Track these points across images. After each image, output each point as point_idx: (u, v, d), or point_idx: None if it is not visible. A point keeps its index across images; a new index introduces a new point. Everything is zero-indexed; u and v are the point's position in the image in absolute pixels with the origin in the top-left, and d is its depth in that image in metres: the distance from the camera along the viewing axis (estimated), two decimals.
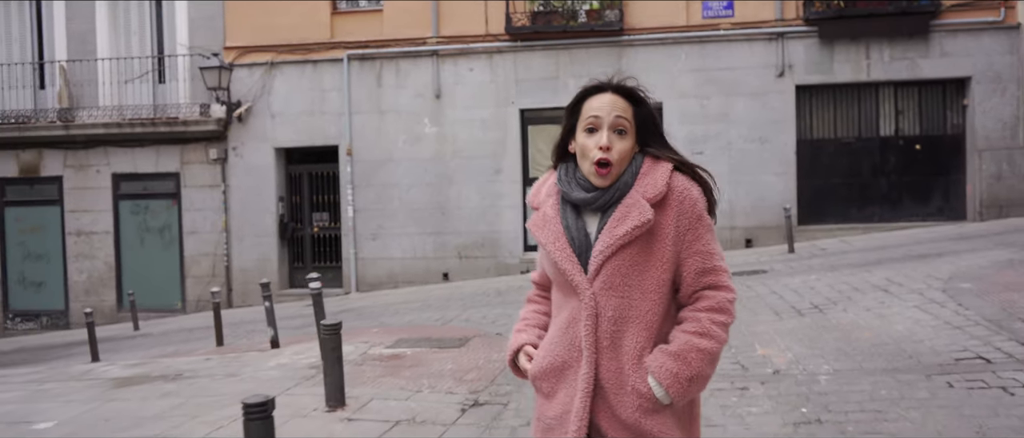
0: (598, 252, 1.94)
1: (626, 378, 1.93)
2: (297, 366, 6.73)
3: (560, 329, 2.02)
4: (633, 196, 1.95)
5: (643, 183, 1.97)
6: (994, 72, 12.43)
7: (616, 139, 1.97)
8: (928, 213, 12.85)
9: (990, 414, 4.24)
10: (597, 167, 1.96)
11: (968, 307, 6.62)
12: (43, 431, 5.25)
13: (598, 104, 2.00)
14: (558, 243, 1.99)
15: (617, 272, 1.93)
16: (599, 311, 1.93)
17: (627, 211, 1.94)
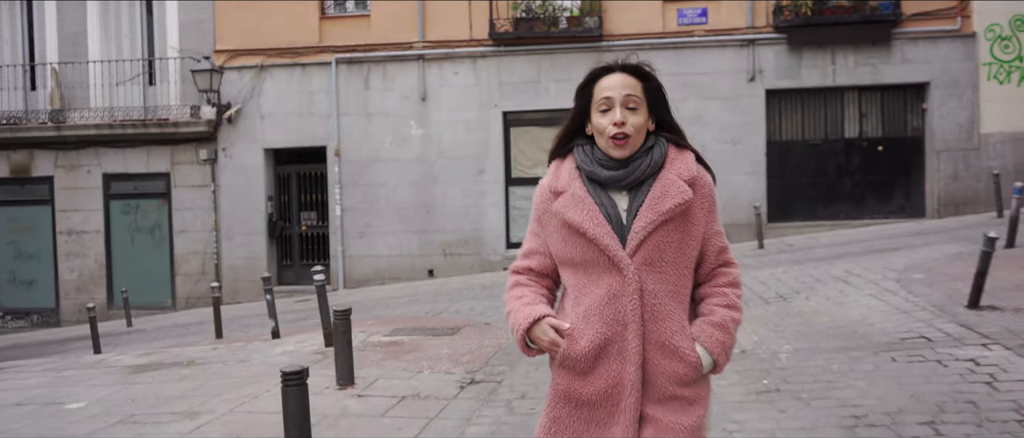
0: (641, 228, 2.01)
1: (672, 349, 2.03)
2: (303, 352, 7.26)
3: (597, 306, 2.04)
4: (668, 176, 2.06)
5: (675, 166, 2.09)
6: (951, 77, 13.23)
7: (629, 115, 2.06)
8: (890, 211, 13.62)
9: (924, 382, 4.89)
10: (614, 140, 2.05)
11: (917, 294, 7.32)
12: (76, 410, 5.74)
13: (608, 84, 2.09)
14: (596, 220, 2.04)
15: (656, 248, 2.01)
16: (643, 285, 2.01)
17: (666, 189, 2.03)
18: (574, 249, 2.08)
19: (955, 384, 4.80)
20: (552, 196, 2.14)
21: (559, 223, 2.10)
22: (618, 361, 2.02)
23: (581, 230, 2.04)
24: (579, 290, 2.09)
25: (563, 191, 2.11)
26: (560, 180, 2.13)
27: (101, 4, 15.21)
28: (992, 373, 4.93)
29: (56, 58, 15.16)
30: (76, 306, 15.23)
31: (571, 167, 2.14)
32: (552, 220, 2.13)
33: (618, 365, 2.02)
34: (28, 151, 15.25)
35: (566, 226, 2.08)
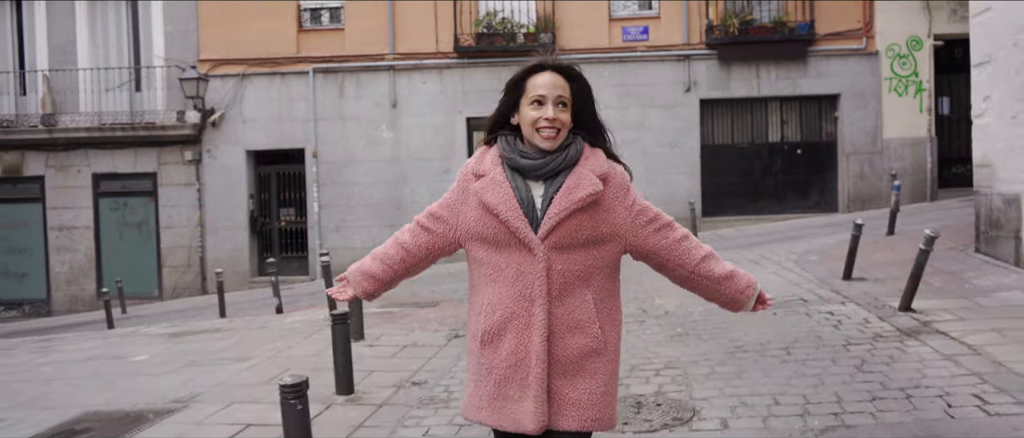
0: (554, 214, 2.21)
1: (576, 324, 2.24)
2: (311, 321, 8.91)
3: (506, 284, 2.25)
4: (581, 170, 2.26)
5: (589, 162, 2.28)
6: (858, 90, 15.39)
7: (560, 111, 2.25)
8: (807, 206, 15.72)
9: (790, 326, 6.80)
10: (543, 133, 2.25)
11: (807, 270, 9.30)
12: (142, 361, 7.32)
13: (541, 82, 2.26)
14: (509, 204, 2.23)
15: (567, 233, 2.21)
16: (550, 265, 2.20)
17: (578, 181, 2.23)
18: (487, 228, 2.28)
19: (811, 327, 6.72)
20: (473, 177, 2.34)
21: (476, 202, 2.31)
22: (525, 335, 2.22)
23: (495, 211, 2.24)
24: (492, 268, 2.29)
25: (484, 174, 2.32)
26: (483, 164, 2.35)
27: (89, 15, 16.51)
28: (840, 319, 6.87)
29: (46, 65, 16.41)
30: (67, 297, 16.53)
31: (495, 154, 2.35)
32: (470, 198, 2.34)
33: (525, 338, 2.22)
34: (20, 152, 16.47)
35: (482, 206, 2.28)
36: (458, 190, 2.39)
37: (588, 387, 2.23)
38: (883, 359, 5.56)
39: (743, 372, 5.56)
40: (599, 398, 2.25)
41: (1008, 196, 8.65)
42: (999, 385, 4.79)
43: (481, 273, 2.32)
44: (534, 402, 2.19)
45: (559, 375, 2.22)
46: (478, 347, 2.30)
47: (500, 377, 2.25)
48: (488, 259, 2.30)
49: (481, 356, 2.29)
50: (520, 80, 2.31)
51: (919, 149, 15.23)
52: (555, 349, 2.22)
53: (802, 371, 5.46)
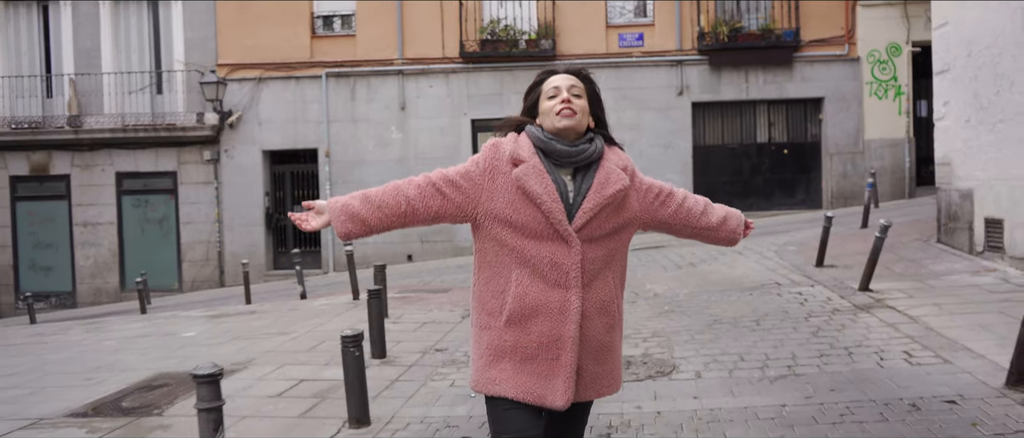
0: (588, 209, 2.33)
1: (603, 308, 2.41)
2: (336, 304, 9.95)
3: (539, 271, 2.33)
4: (609, 165, 2.40)
5: (612, 157, 2.44)
6: (841, 94, 16.45)
7: (574, 99, 2.40)
8: (794, 203, 16.78)
9: (762, 303, 7.85)
10: (560, 113, 2.38)
11: (785, 260, 10.34)
12: (192, 337, 8.36)
13: (556, 81, 2.44)
14: (551, 194, 2.30)
15: (598, 226, 2.34)
16: (584, 255, 2.32)
17: (608, 176, 2.37)
18: (521, 214, 2.32)
19: (780, 304, 7.77)
20: (509, 160, 2.37)
21: (512, 187, 2.34)
22: (558, 320, 2.32)
23: (538, 201, 2.29)
24: (520, 252, 2.34)
25: (523, 160, 2.36)
26: (521, 150, 2.38)
27: (113, 21, 17.53)
28: (806, 298, 7.92)
29: (72, 70, 17.42)
30: (91, 290, 17.54)
31: (528, 142, 2.41)
32: (503, 181, 2.36)
33: (558, 324, 2.32)
34: (47, 152, 17.49)
35: (522, 193, 2.33)
36: (486, 168, 2.38)
37: (610, 360, 2.45)
38: (836, 327, 6.62)
39: (717, 339, 6.61)
40: (617, 368, 2.48)
41: (964, 191, 9.71)
42: (926, 344, 5.85)
43: (504, 254, 2.37)
44: (565, 382, 2.32)
45: (587, 354, 2.38)
46: (501, 325, 2.37)
47: (527, 356, 2.34)
48: (516, 243, 2.34)
49: (504, 333, 2.36)
50: (536, 84, 2.47)
51: (898, 149, 16.29)
52: (585, 331, 2.36)
53: (767, 337, 6.51)
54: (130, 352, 7.72)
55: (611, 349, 2.45)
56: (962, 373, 5.12)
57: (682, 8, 16.64)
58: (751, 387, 5.24)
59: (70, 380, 6.67)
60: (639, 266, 11.36)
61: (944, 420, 4.33)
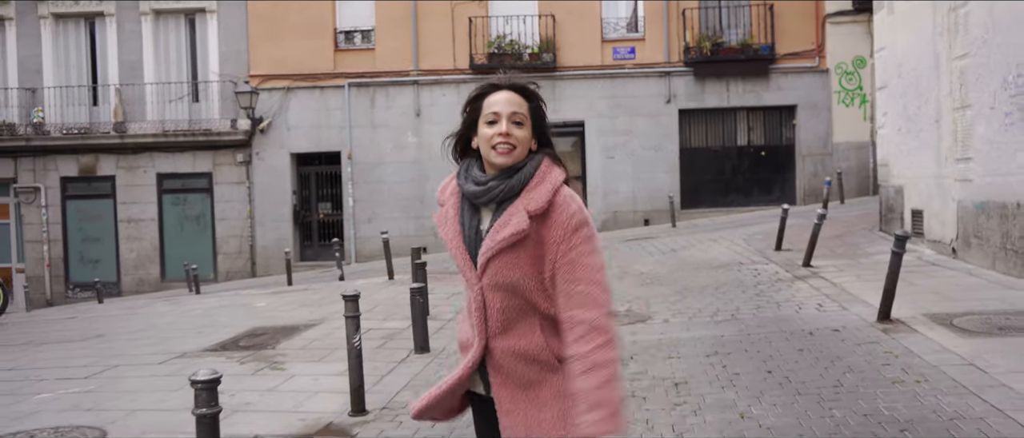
0: (483, 253, 2.18)
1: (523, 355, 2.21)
2: (374, 283, 12.04)
3: (467, 312, 2.33)
4: (517, 205, 2.17)
5: (530, 194, 2.18)
6: (812, 101, 18.60)
7: (515, 129, 2.20)
8: (770, 200, 18.90)
9: (723, 277, 9.97)
10: (497, 149, 2.19)
11: (751, 245, 12.48)
12: (264, 306, 10.45)
13: (496, 100, 2.22)
14: (454, 240, 2.25)
15: (499, 272, 2.16)
16: (487, 303, 2.21)
17: (509, 218, 2.16)
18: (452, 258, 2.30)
19: (738, 277, 9.90)
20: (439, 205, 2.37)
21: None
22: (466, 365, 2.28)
23: (447, 245, 2.28)
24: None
25: (443, 204, 2.35)
26: (445, 193, 2.37)
27: (154, 36, 19.62)
28: (759, 273, 10.05)
29: (117, 80, 19.51)
30: (134, 280, 19.62)
31: (453, 182, 2.35)
32: None
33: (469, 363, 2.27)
34: (94, 155, 19.57)
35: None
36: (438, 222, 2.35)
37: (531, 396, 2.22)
38: (774, 290, 8.76)
39: (683, 299, 8.74)
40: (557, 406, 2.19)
41: (897, 188, 11.86)
42: (835, 299, 7.99)
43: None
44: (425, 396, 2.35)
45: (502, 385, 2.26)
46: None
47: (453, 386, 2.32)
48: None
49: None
50: (476, 98, 2.28)
51: (863, 152, 18.44)
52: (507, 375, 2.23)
53: (721, 297, 8.65)
54: (219, 316, 9.84)
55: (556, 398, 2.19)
56: (852, 315, 7.25)
57: (670, 25, 18.77)
58: (702, 326, 7.36)
59: (185, 333, 8.78)
60: (629, 253, 13.48)
61: (826, 339, 6.46)
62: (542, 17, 18.92)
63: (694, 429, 4.62)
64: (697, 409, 4.97)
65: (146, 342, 8.42)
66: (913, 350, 5.91)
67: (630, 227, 18.52)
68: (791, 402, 4.98)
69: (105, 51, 19.71)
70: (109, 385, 6.45)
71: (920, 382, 5.17)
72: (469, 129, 2.30)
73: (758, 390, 5.27)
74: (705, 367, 5.93)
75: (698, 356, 6.27)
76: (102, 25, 19.71)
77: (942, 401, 4.78)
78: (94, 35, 19.92)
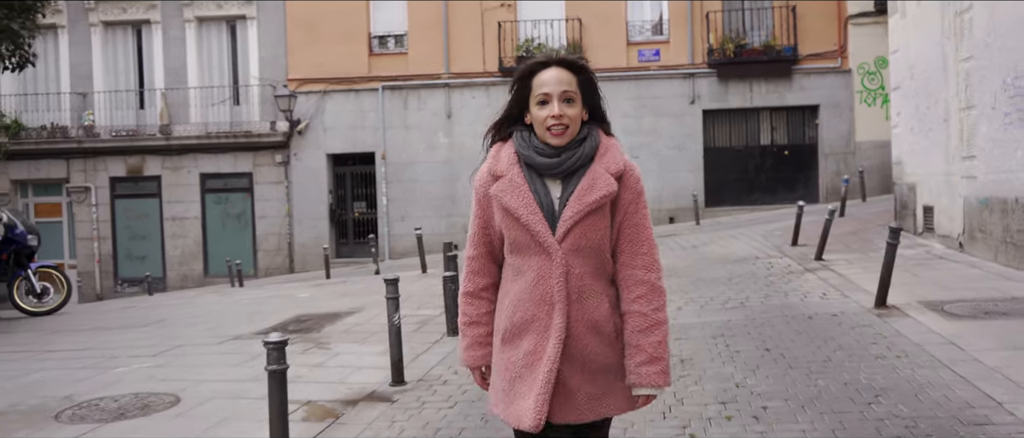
0: (568, 217, 2.23)
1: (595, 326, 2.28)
2: (408, 277, 12.74)
3: (527, 287, 2.28)
4: (597, 169, 2.27)
5: (604, 159, 2.30)
6: (835, 101, 19.05)
7: (566, 107, 2.26)
8: (793, 197, 19.24)
9: (738, 269, 10.57)
10: (552, 131, 2.26)
11: (768, 241, 13.04)
12: (307, 297, 11.24)
13: (546, 78, 2.29)
14: (529, 206, 2.25)
15: (582, 235, 2.24)
16: (569, 268, 2.25)
17: (594, 182, 2.24)
18: (510, 231, 2.30)
19: (751, 269, 10.50)
20: (491, 179, 2.35)
21: (498, 205, 2.31)
22: (543, 336, 2.27)
23: (515, 215, 2.25)
24: (516, 268, 2.33)
25: (502, 175, 2.32)
26: (499, 164, 2.35)
27: (197, 42, 20.60)
28: (773, 265, 10.63)
29: (163, 85, 20.51)
30: (179, 276, 20.62)
31: (510, 152, 2.35)
32: (492, 202, 2.34)
33: (542, 340, 2.27)
34: (141, 156, 20.60)
35: (503, 209, 2.29)
36: (480, 200, 2.38)
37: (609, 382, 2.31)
38: (784, 281, 9.35)
39: (698, 289, 9.36)
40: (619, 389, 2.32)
41: (910, 185, 12.36)
42: (839, 289, 8.57)
43: (507, 272, 2.38)
44: (536, 400, 2.24)
45: (581, 374, 2.29)
46: (499, 344, 2.38)
47: (514, 375, 2.32)
48: (512, 260, 2.35)
49: (501, 352, 2.37)
50: (525, 77, 2.33)
51: (885, 150, 18.79)
52: (576, 350, 2.27)
53: (733, 288, 9.26)
54: (266, 305, 10.65)
55: (609, 370, 2.33)
56: (852, 302, 7.84)
57: (694, 27, 19.34)
58: (711, 312, 8.00)
59: (236, 320, 9.59)
60: None
61: (823, 323, 7.06)
62: (569, 20, 19.58)
63: (693, 395, 5.27)
64: (698, 380, 5.62)
65: (202, 327, 9.24)
66: (901, 332, 6.50)
67: (656, 225, 19.06)
68: (782, 374, 5.61)
69: (151, 57, 20.73)
70: (175, 361, 7.25)
71: (900, 357, 5.78)
72: (520, 107, 2.36)
73: (755, 365, 5.91)
74: (709, 346, 6.57)
75: (705, 338, 6.91)
76: (149, 32, 20.74)
77: (917, 373, 5.38)
78: (141, 42, 20.95)
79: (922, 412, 4.62)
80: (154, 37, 20.64)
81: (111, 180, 20.77)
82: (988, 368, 5.35)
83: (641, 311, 2.29)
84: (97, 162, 20.64)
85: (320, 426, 5.16)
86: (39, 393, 6.30)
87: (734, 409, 4.93)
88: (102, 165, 20.67)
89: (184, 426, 5.26)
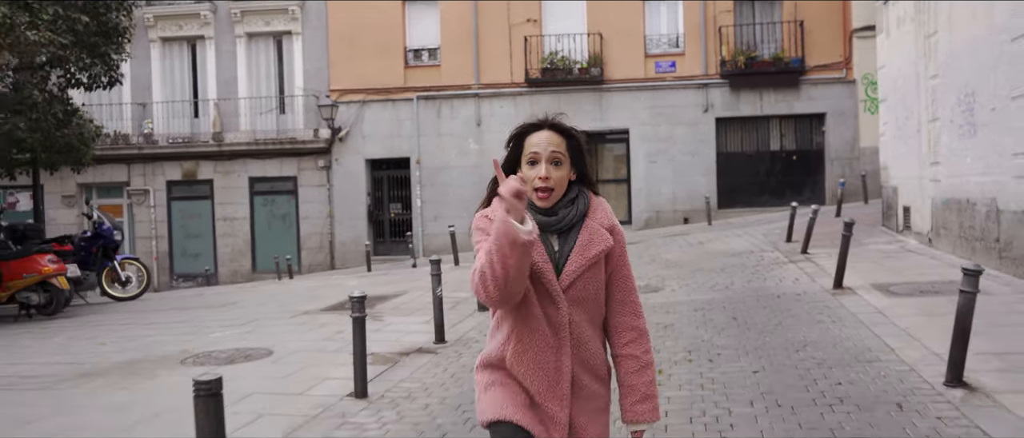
0: (571, 271, 2.43)
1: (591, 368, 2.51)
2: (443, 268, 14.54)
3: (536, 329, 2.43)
4: (591, 225, 2.48)
5: (596, 215, 2.51)
6: (840, 109, 20.55)
7: (553, 169, 2.42)
8: (801, 200, 20.71)
9: (733, 262, 12.21)
10: (538, 193, 2.42)
11: (767, 238, 14.64)
12: (356, 284, 13.05)
13: (537, 140, 2.44)
14: (543, 258, 2.41)
15: (584, 287, 2.45)
16: (572, 317, 2.45)
17: (591, 237, 2.46)
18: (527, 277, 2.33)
19: (744, 261, 12.12)
20: None
21: None
22: (554, 378, 2.45)
23: (535, 266, 2.37)
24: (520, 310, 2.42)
25: None
26: None
27: (247, 56, 22.60)
28: (762, 258, 12.25)
29: (215, 95, 22.53)
30: (229, 272, 22.60)
31: None
32: None
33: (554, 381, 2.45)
34: (195, 161, 22.64)
35: None
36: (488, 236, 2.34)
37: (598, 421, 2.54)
38: (768, 270, 10.99)
39: (693, 277, 11.03)
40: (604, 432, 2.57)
41: (893, 187, 13.91)
42: (810, 275, 10.19)
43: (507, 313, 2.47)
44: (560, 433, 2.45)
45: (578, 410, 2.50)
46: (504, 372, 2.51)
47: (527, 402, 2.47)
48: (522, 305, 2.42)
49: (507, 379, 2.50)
50: (519, 137, 2.49)
51: None
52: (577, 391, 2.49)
53: (723, 276, 10.92)
54: (321, 291, 12.49)
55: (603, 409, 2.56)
56: (817, 286, 9.47)
57: (707, 41, 20.96)
58: (699, 293, 9.67)
59: (300, 300, 11.44)
60: (662, 245, 15.74)
61: (787, 300, 8.71)
62: (591, 35, 21.28)
63: (668, 348, 6.96)
64: (675, 338, 7.32)
65: (272, 306, 11.09)
66: (845, 305, 8.14)
67: (670, 225, 20.74)
68: (740, 334, 7.29)
69: (205, 69, 22.77)
70: (259, 329, 9.08)
71: (835, 322, 7.43)
72: (513, 164, 2.48)
73: (721, 328, 7.59)
74: (690, 317, 8.27)
75: (689, 311, 8.60)
76: (202, 47, 22.79)
77: (843, 331, 7.04)
78: (195, 56, 22.99)
79: (833, 355, 6.29)
80: (207, 51, 22.67)
81: (168, 183, 22.82)
82: (898, 328, 6.98)
83: (633, 354, 2.54)
84: (155, 167, 22.71)
85: (384, 367, 6.94)
86: (159, 350, 8.16)
87: (696, 355, 6.63)
88: (160, 170, 22.73)
89: (281, 368, 7.06)
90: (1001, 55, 9.15)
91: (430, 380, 6.48)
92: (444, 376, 6.59)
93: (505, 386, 2.49)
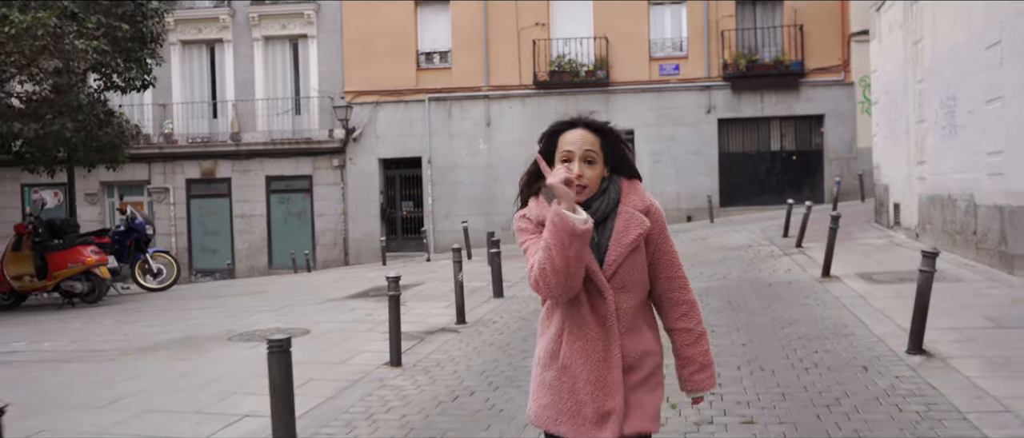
0: (612, 260, 2.43)
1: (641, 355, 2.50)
2: None
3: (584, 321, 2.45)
4: (626, 209, 2.47)
5: (630, 198, 2.49)
6: (839, 111, 21.35)
7: (586, 168, 2.43)
8: (801, 198, 21.46)
9: (730, 254, 13.03)
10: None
11: (763, 233, 15.47)
12: (374, 276, 13.89)
13: (571, 139, 2.46)
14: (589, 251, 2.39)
15: (627, 273, 2.45)
16: (619, 305, 2.44)
17: (628, 223, 2.45)
18: None
19: (740, 254, 12.95)
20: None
21: None
22: (604, 367, 2.45)
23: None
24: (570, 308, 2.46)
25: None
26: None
27: (264, 58, 23.49)
28: (759, 251, 13.08)
29: (233, 96, 23.42)
30: (246, 267, 23.48)
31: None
32: None
33: (604, 371, 2.45)
34: (213, 160, 23.53)
35: None
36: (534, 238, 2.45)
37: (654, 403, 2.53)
38: (764, 262, 11.82)
39: (693, 268, 11.85)
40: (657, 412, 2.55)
41: (884, 185, 14.72)
42: (801, 266, 11.02)
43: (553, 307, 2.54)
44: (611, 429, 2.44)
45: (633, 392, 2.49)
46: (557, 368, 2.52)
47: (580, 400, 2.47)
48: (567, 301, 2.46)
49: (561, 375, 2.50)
50: (552, 134, 2.51)
51: None
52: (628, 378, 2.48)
53: (721, 266, 11.75)
54: (343, 282, 13.35)
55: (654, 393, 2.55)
56: (807, 275, 10.29)
57: (710, 44, 21.79)
58: (699, 282, 10.50)
59: (326, 289, 12.30)
60: None
61: (778, 287, 9.54)
62: (597, 39, 22.12)
63: None
64: None
65: (300, 294, 11.95)
66: (830, 291, 8.98)
67: (674, 223, 21.54)
68: (733, 314, 8.13)
69: (223, 71, 23.67)
70: (292, 313, 9.95)
71: (819, 305, 8.27)
72: (547, 161, 2.46)
73: (717, 310, 8.43)
74: None
75: None
76: (221, 50, 23.69)
77: (825, 312, 7.87)
78: (214, 58, 23.90)
79: (813, 330, 7.13)
80: (226, 54, 23.57)
81: (187, 181, 23.72)
82: (875, 309, 7.82)
83: (687, 327, 2.58)
84: (175, 165, 23.61)
85: (412, 342, 7.79)
86: (204, 330, 9.03)
87: None
88: (179, 168, 23.63)
89: (319, 343, 7.92)
90: (978, 62, 9.96)
91: (456, 353, 7.33)
92: (467, 349, 7.44)
93: (553, 390, 2.51)
